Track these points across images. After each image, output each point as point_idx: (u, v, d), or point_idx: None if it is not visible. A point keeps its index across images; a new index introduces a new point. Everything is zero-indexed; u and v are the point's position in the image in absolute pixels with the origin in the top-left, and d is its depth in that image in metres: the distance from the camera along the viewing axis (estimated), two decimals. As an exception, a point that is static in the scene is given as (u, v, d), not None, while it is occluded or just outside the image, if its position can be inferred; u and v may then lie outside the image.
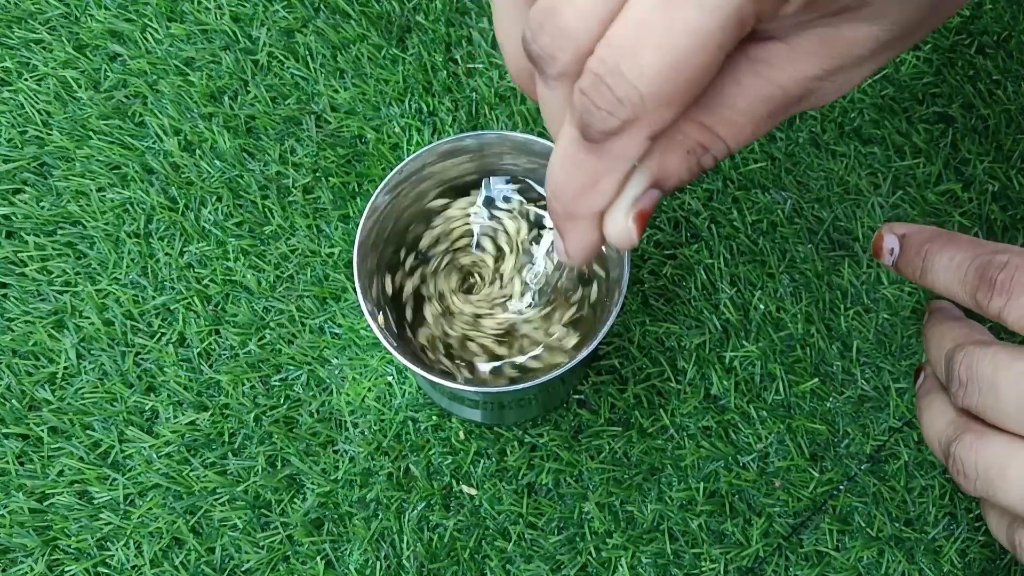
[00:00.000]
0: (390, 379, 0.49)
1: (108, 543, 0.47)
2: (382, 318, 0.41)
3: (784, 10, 0.22)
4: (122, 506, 0.47)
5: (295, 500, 0.47)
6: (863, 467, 0.47)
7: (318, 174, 0.53)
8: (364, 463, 0.47)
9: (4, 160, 0.54)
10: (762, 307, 0.50)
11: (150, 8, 0.57)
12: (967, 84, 0.53)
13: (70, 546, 0.47)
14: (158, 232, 0.52)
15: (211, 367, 0.50)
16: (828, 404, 0.48)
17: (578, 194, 0.25)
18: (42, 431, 0.48)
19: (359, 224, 0.40)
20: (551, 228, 0.44)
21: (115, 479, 0.48)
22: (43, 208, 0.53)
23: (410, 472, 0.48)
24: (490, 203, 0.45)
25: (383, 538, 0.46)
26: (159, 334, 0.50)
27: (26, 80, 0.56)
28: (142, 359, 0.50)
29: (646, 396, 0.48)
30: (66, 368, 0.50)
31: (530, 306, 0.43)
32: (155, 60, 0.56)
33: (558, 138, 0.25)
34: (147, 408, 0.49)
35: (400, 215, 0.43)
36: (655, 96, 0.21)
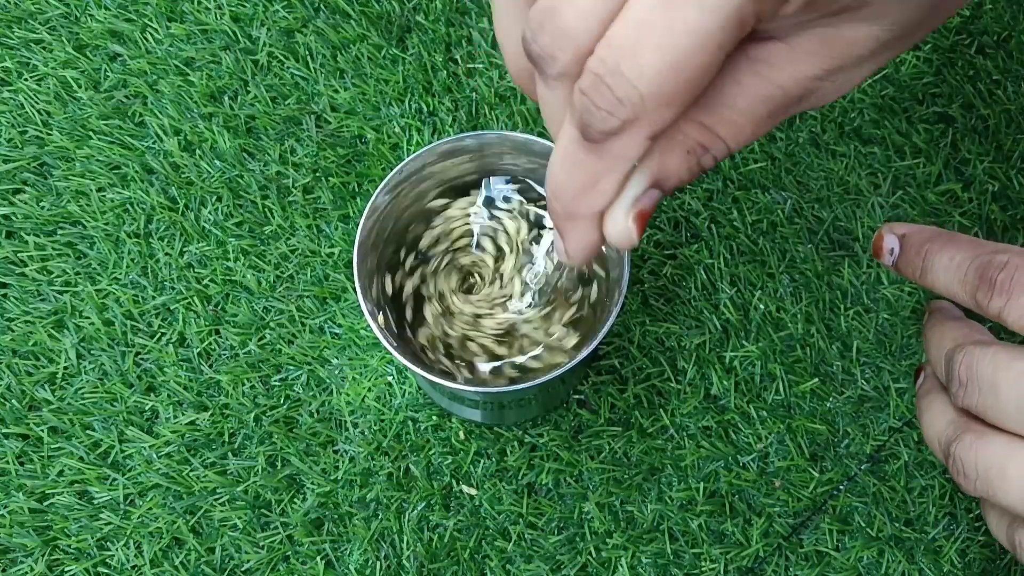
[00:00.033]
0: (390, 379, 0.49)
1: (108, 543, 0.47)
2: (382, 318, 0.41)
3: (784, 10, 0.22)
4: (122, 506, 0.47)
5: (295, 500, 0.47)
6: (863, 467, 0.47)
7: (318, 174, 0.53)
8: (364, 463, 0.47)
9: (4, 160, 0.54)
10: (762, 307, 0.50)
11: (150, 8, 0.57)
12: (967, 84, 0.53)
13: (70, 546, 0.47)
14: (158, 232, 0.52)
15: (211, 367, 0.50)
16: (828, 404, 0.48)
17: (578, 194, 0.25)
18: (42, 431, 0.48)
19: (359, 224, 0.40)
20: (551, 228, 0.44)
21: (115, 479, 0.48)
22: (43, 208, 0.53)
23: (410, 472, 0.48)
24: (490, 203, 0.45)
25: (383, 538, 0.46)
26: (159, 334, 0.50)
27: (26, 80, 0.56)
28: (142, 359, 0.50)
29: (646, 396, 0.48)
30: (66, 368, 0.50)
31: (530, 306, 0.43)
32: (155, 60, 0.56)
33: (558, 138, 0.25)
34: (147, 408, 0.49)
35: (400, 215, 0.43)
36: (655, 96, 0.21)
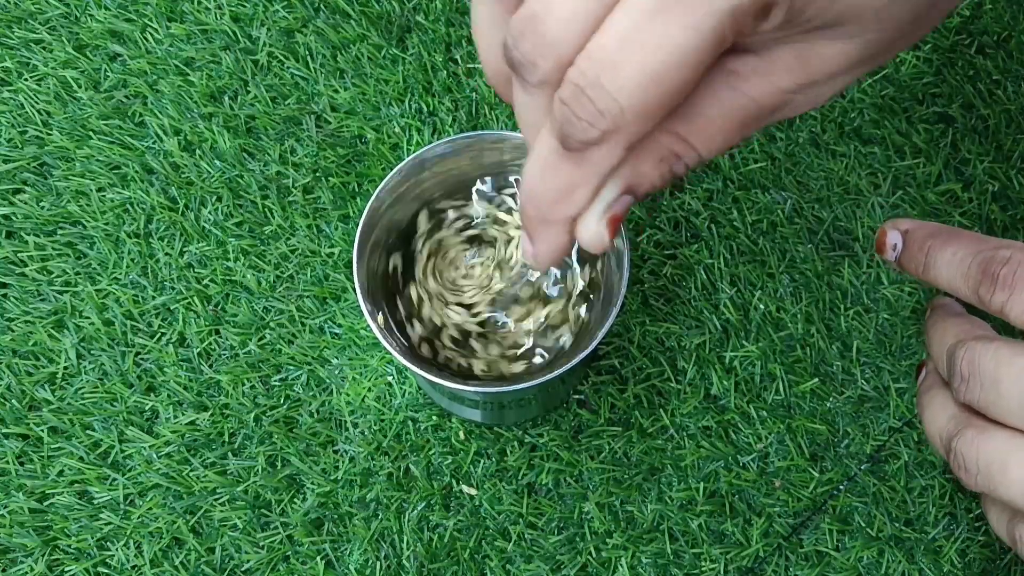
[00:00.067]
0: (390, 379, 0.49)
1: (108, 543, 0.47)
2: (382, 318, 0.41)
3: (763, 27, 0.22)
4: (122, 506, 0.47)
5: (295, 500, 0.47)
6: (863, 467, 0.47)
7: (318, 174, 0.53)
8: (364, 463, 0.47)
9: (4, 160, 0.54)
10: (762, 307, 0.50)
11: (150, 8, 0.57)
12: (967, 84, 0.53)
13: (70, 546, 0.47)
14: (158, 232, 0.52)
15: (211, 367, 0.50)
16: (828, 404, 0.48)
17: (554, 201, 0.26)
18: (42, 431, 0.48)
19: (359, 224, 0.40)
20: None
21: (115, 479, 0.48)
22: (43, 208, 0.53)
23: (410, 472, 0.47)
24: (489, 203, 0.45)
25: (383, 538, 0.46)
26: (159, 334, 0.50)
27: (26, 80, 0.56)
28: (142, 359, 0.50)
29: (646, 396, 0.48)
30: (66, 368, 0.50)
31: (526, 304, 0.43)
32: (155, 60, 0.56)
33: (535, 145, 0.25)
34: (147, 408, 0.49)
35: (400, 215, 0.43)
36: (635, 109, 0.22)
